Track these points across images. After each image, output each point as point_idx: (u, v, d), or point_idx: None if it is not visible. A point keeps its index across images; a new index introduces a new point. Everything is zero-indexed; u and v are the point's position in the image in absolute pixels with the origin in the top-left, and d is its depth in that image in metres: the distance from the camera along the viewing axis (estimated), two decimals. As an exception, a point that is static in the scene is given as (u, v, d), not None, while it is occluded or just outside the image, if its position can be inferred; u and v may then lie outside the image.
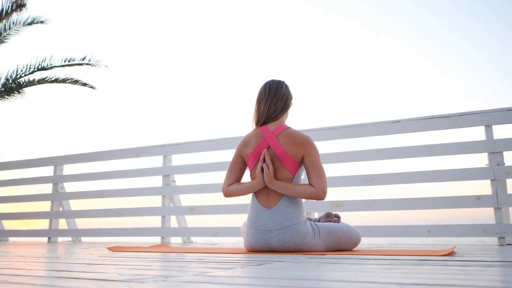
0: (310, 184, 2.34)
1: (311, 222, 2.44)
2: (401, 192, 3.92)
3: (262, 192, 2.40)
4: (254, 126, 2.53)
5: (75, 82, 5.45)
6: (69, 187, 5.07)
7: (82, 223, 5.04)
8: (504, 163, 3.24)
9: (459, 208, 3.32)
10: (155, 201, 4.55)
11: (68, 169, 5.11)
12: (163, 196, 4.41)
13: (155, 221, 4.47)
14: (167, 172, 4.44)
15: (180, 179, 4.48)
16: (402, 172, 3.52)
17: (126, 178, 4.67)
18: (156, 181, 4.50)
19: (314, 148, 2.38)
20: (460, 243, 3.37)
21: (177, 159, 4.52)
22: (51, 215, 5.00)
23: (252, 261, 1.75)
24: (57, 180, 5.06)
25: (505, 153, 3.25)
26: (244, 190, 2.45)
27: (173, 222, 4.44)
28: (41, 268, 1.60)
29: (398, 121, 3.59)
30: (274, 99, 2.46)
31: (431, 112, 3.51)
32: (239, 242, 4.41)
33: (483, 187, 3.35)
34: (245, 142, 2.49)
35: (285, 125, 2.47)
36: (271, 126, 2.44)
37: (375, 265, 1.49)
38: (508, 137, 3.26)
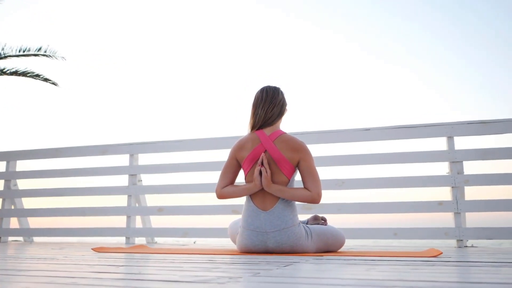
0: (305, 188, 2.45)
1: (303, 224, 2.54)
2: (370, 197, 4.14)
3: (258, 195, 2.47)
4: (249, 130, 2.59)
5: (36, 76, 5.18)
6: (25, 184, 4.82)
7: (36, 222, 4.81)
8: (463, 172, 3.53)
9: (423, 212, 3.57)
10: (118, 200, 4.46)
11: (25, 165, 4.86)
12: (129, 196, 4.33)
13: (117, 221, 4.38)
14: (133, 171, 4.37)
15: (147, 179, 4.42)
16: (371, 178, 3.72)
17: (89, 176, 4.53)
18: (122, 180, 4.41)
19: (309, 154, 2.48)
20: (425, 245, 3.62)
21: (145, 159, 4.46)
22: (2, 214, 4.73)
23: (275, 261, 1.82)
24: (9, 176, 4.80)
25: (465, 163, 3.53)
26: (240, 192, 2.51)
27: (138, 222, 4.37)
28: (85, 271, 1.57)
29: (368, 129, 3.79)
30: (271, 105, 2.54)
31: (405, 121, 3.74)
32: (212, 243, 4.44)
33: (444, 193, 3.62)
34: (241, 146, 2.55)
35: (281, 130, 2.55)
36: (267, 131, 2.52)
37: (385, 266, 1.61)
38: (467, 148, 3.56)
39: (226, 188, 2.55)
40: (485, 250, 2.82)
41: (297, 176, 2.57)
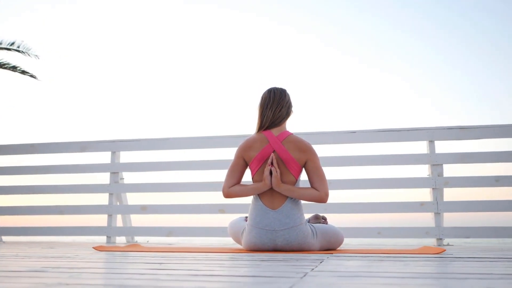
0: (313, 187, 2.52)
1: (308, 223, 2.61)
2: (355, 197, 4.27)
3: (266, 194, 2.52)
4: (256, 130, 2.63)
5: (13, 68, 4.93)
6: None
7: (5, 221, 4.61)
8: (443, 174, 3.73)
9: (405, 212, 3.75)
10: (99, 199, 4.36)
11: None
12: (111, 194, 4.24)
13: (97, 220, 4.29)
14: (116, 169, 4.28)
15: (129, 178, 4.35)
16: (356, 179, 3.85)
17: (66, 173, 4.39)
18: (102, 178, 4.32)
19: (316, 154, 2.56)
20: (407, 244, 3.79)
21: (127, 157, 4.38)
22: (-31, 211, 4.49)
23: (301, 259, 1.87)
24: (-23, 172, 4.57)
25: (445, 166, 3.74)
26: (249, 192, 2.54)
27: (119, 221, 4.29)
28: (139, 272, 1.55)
29: (354, 132, 3.93)
30: (278, 106, 2.59)
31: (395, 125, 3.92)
32: (196, 242, 4.42)
33: (424, 194, 3.81)
34: (248, 146, 2.58)
35: (288, 131, 2.61)
36: (275, 131, 2.57)
37: (414, 262, 1.71)
38: (447, 151, 3.76)
39: (234, 187, 2.58)
40: (472, 248, 3.00)
41: (302, 176, 2.64)
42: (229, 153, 4.37)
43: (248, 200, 2.71)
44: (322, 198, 2.51)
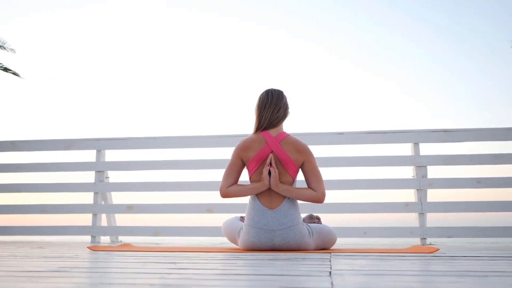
0: (310, 188, 2.57)
1: (304, 223, 2.65)
2: (341, 197, 4.34)
3: (264, 194, 2.54)
4: (254, 131, 2.65)
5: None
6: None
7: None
8: (427, 176, 3.84)
9: (390, 212, 3.84)
10: (83, 198, 4.29)
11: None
12: (95, 193, 4.18)
13: (81, 220, 4.22)
14: (101, 168, 4.22)
15: (115, 177, 4.30)
16: (343, 179, 3.92)
17: (51, 172, 4.30)
18: (87, 177, 4.25)
19: (313, 155, 2.61)
20: (391, 243, 3.89)
21: (113, 155, 4.32)
22: None
23: (311, 258, 1.91)
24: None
25: (429, 167, 3.85)
26: (247, 191, 2.57)
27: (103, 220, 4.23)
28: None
29: (341, 133, 4.00)
30: (276, 107, 2.62)
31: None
32: (180, 242, 4.40)
33: (409, 195, 3.92)
34: (246, 146, 2.60)
35: (285, 132, 2.65)
36: (272, 132, 2.60)
37: (417, 260, 1.77)
38: (431, 154, 3.88)
39: (232, 187, 2.59)
40: (458, 247, 3.11)
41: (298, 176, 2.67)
42: (217, 153, 4.38)
43: (238, 200, 2.73)
44: (319, 198, 2.55)
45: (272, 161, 2.51)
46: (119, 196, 4.30)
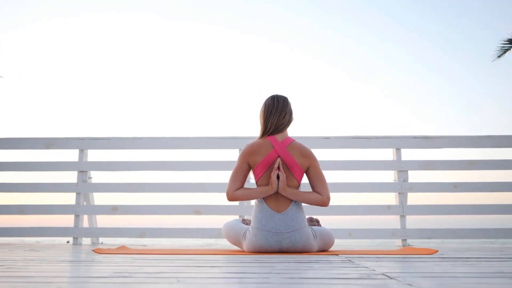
0: (315, 191, 2.65)
1: (309, 226, 2.73)
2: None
3: (271, 198, 2.60)
4: (260, 136, 2.71)
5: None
6: None
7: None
8: (408, 180, 4.03)
9: (374, 215, 4.00)
10: (64, 198, 4.18)
11: None
12: (78, 194, 4.08)
13: (62, 221, 4.11)
14: (84, 168, 4.13)
15: (98, 177, 4.21)
16: (329, 183, 4.00)
17: (30, 171, 4.15)
18: (68, 177, 4.14)
19: (317, 160, 2.69)
20: (372, 244, 4.04)
21: (96, 155, 4.24)
22: None
23: (324, 260, 1.98)
24: None
25: (410, 172, 4.04)
26: (255, 195, 2.62)
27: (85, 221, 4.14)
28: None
29: (328, 138, 4.12)
30: (282, 113, 2.69)
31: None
32: (165, 243, 4.36)
33: (390, 198, 4.09)
34: (253, 151, 2.65)
35: (290, 137, 2.72)
36: (278, 137, 2.67)
37: (443, 262, 1.89)
38: (412, 159, 4.07)
39: (239, 191, 2.63)
40: (443, 247, 3.29)
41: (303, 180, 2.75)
42: (203, 154, 4.39)
43: (227, 202, 2.76)
44: (324, 202, 2.65)
45: (280, 165, 2.58)
46: (102, 197, 4.22)
